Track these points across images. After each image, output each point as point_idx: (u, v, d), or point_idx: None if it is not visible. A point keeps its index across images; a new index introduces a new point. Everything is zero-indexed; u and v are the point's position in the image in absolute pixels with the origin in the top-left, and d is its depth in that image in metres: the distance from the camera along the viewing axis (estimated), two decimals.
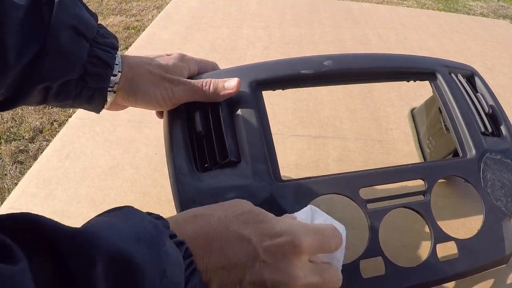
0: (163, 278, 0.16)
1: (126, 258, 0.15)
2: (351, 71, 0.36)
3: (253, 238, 0.21)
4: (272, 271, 0.21)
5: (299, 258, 0.22)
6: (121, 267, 0.15)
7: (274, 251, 0.21)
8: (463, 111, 0.36)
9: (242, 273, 0.20)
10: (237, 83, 0.31)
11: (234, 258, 0.20)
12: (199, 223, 0.21)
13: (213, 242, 0.20)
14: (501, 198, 0.32)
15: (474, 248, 0.29)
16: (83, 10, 0.28)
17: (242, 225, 0.22)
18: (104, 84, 0.29)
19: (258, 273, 0.21)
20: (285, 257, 0.21)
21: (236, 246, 0.21)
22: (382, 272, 0.27)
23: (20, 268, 0.13)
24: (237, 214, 0.22)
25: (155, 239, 0.18)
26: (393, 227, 0.37)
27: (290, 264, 0.21)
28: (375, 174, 0.31)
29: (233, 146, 0.30)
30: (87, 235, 0.15)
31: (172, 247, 0.18)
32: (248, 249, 0.21)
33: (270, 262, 0.21)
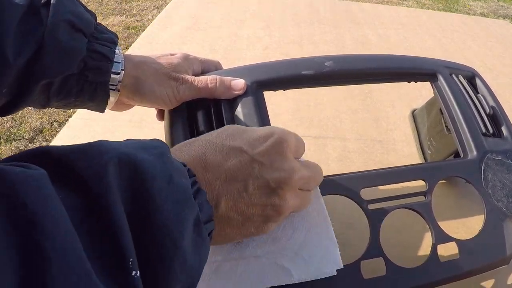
0: (170, 182, 0.17)
1: (135, 161, 0.16)
2: (352, 71, 0.36)
3: (243, 147, 0.22)
4: (271, 170, 0.22)
5: (290, 154, 0.23)
6: (131, 170, 0.16)
7: (267, 152, 0.22)
8: (464, 112, 0.36)
9: (245, 180, 0.21)
10: (245, 84, 0.32)
11: (234, 168, 0.21)
12: (191, 148, 0.22)
13: (208, 160, 0.21)
14: (502, 198, 0.32)
15: (475, 249, 0.29)
16: (79, 7, 0.28)
17: (229, 138, 0.22)
18: (105, 78, 0.29)
19: (259, 176, 0.21)
20: (278, 154, 0.22)
21: (231, 157, 0.21)
22: (383, 273, 0.27)
23: (42, 173, 0.14)
24: (220, 132, 0.23)
25: (159, 149, 0.18)
26: (394, 228, 0.37)
27: (285, 160, 0.22)
28: (376, 175, 0.31)
29: None
30: (97, 145, 0.16)
31: (177, 163, 0.19)
32: (243, 157, 0.21)
33: (267, 163, 0.22)
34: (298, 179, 0.23)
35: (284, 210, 0.22)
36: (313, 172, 0.25)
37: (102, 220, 0.14)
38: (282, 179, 0.22)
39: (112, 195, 0.15)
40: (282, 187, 0.22)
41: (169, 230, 0.16)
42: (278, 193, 0.22)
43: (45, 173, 0.14)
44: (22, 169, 0.13)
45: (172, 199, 0.17)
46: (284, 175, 0.22)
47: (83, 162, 0.15)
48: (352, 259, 0.28)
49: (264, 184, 0.21)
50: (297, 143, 0.25)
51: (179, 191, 0.17)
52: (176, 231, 0.16)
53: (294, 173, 0.22)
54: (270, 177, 0.22)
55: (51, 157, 0.15)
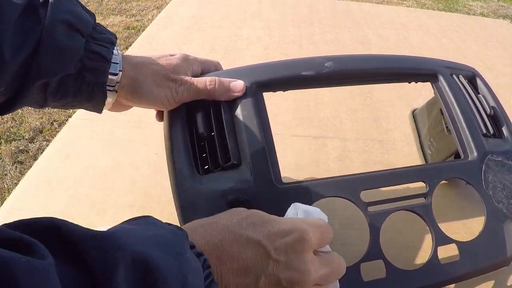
0: (185, 286, 0.16)
1: (149, 263, 0.15)
2: (352, 72, 0.36)
3: (262, 240, 0.21)
4: (286, 269, 0.21)
5: (309, 253, 0.22)
6: (143, 271, 0.15)
7: (285, 249, 0.21)
8: (465, 113, 0.36)
9: (257, 275, 0.21)
10: (244, 86, 0.32)
11: (248, 261, 0.21)
12: (208, 232, 0.21)
13: (224, 249, 0.20)
14: (503, 200, 0.32)
15: (475, 250, 0.29)
16: (78, 7, 0.28)
17: (249, 228, 0.22)
18: (102, 79, 0.29)
19: (272, 273, 0.21)
20: (296, 254, 0.22)
21: (248, 249, 0.21)
22: (383, 275, 0.27)
23: (48, 263, 0.13)
24: (241, 218, 0.22)
25: (177, 247, 0.18)
26: (394, 229, 0.37)
27: (302, 261, 0.22)
28: (376, 177, 0.31)
29: (235, 149, 0.29)
30: (111, 239, 0.15)
31: (192, 257, 0.18)
32: (259, 251, 0.21)
33: (283, 260, 0.21)
34: (313, 279, 0.22)
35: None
36: (333, 268, 0.24)
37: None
38: (295, 280, 0.21)
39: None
40: (294, 287, 0.21)
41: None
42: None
43: (51, 263, 0.13)
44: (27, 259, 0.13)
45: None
46: (298, 276, 0.21)
47: (95, 253, 0.15)
48: (352, 261, 0.27)
49: (276, 282, 0.21)
50: (321, 236, 0.24)
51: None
52: None
53: (309, 275, 0.22)
54: (284, 276, 0.21)
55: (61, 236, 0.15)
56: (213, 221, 0.22)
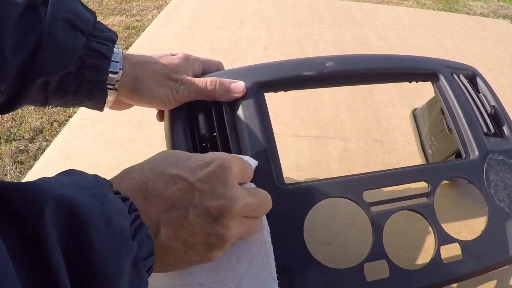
0: (109, 225, 0.17)
1: (72, 205, 0.16)
2: (354, 72, 0.36)
3: (184, 174, 0.21)
4: (212, 197, 0.21)
5: (233, 181, 0.22)
6: (68, 213, 0.16)
7: (208, 178, 0.22)
8: (466, 112, 0.36)
9: (185, 209, 0.21)
10: (245, 87, 0.32)
11: (173, 197, 0.21)
12: (132, 177, 0.21)
13: (148, 189, 0.20)
14: (505, 199, 0.32)
15: (478, 250, 0.29)
16: (78, 6, 0.28)
17: (171, 166, 0.22)
18: (103, 77, 0.29)
19: (199, 204, 0.21)
20: (220, 181, 0.22)
21: (172, 185, 0.21)
22: (386, 275, 0.27)
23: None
24: (163, 159, 0.23)
25: (98, 189, 0.18)
26: (396, 229, 0.37)
27: (227, 187, 0.22)
28: (378, 177, 0.31)
29: (238, 150, 0.29)
30: (33, 186, 0.16)
31: (116, 199, 0.18)
32: (183, 184, 0.21)
33: (207, 189, 0.21)
34: (241, 207, 0.22)
35: (228, 238, 0.22)
36: (259, 199, 0.24)
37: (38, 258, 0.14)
38: (224, 207, 0.21)
39: (48, 236, 0.15)
40: (224, 215, 0.21)
41: (106, 272, 0.16)
42: (221, 221, 0.21)
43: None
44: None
45: (110, 242, 0.16)
46: (226, 203, 0.21)
47: (20, 202, 0.15)
48: (355, 261, 0.27)
49: (205, 213, 0.21)
50: (244, 168, 0.24)
51: (117, 234, 0.17)
52: (113, 274, 0.16)
53: (236, 201, 0.22)
54: (211, 205, 0.21)
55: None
56: (137, 165, 0.22)
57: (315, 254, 0.27)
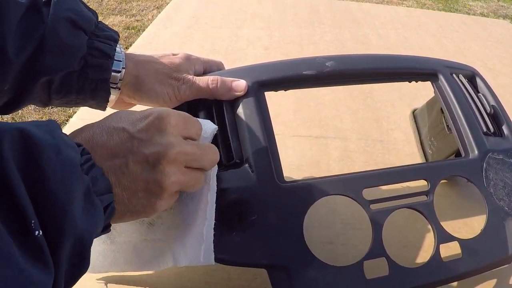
0: (59, 154, 0.18)
1: (26, 135, 0.18)
2: (354, 72, 0.36)
3: (126, 126, 0.23)
4: (149, 145, 0.22)
5: (171, 129, 0.24)
6: (23, 142, 0.17)
7: (146, 128, 0.23)
8: (465, 112, 0.36)
9: (126, 157, 0.22)
10: (246, 85, 0.32)
11: (115, 146, 0.22)
12: (83, 131, 0.23)
13: (94, 140, 0.22)
14: (504, 197, 0.32)
15: (477, 248, 0.29)
16: (80, 5, 0.29)
17: (116, 120, 0.23)
18: (105, 75, 0.29)
19: (138, 151, 0.22)
20: (157, 130, 0.23)
21: (114, 136, 0.22)
22: (386, 273, 0.27)
23: None
24: (112, 115, 0.24)
25: (50, 127, 0.19)
26: (396, 228, 0.37)
27: (164, 135, 0.23)
28: (378, 175, 0.31)
29: (238, 148, 0.30)
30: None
31: (66, 136, 0.20)
32: (124, 135, 0.22)
33: (146, 139, 0.23)
34: (176, 153, 0.23)
35: (166, 185, 0.23)
36: (202, 149, 0.25)
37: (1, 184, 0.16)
38: (159, 153, 0.22)
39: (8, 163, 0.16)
40: (160, 161, 0.22)
41: (58, 196, 0.18)
42: (158, 167, 0.22)
43: None
44: None
45: (60, 169, 0.18)
46: (161, 149, 0.22)
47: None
48: (355, 259, 0.28)
49: (143, 159, 0.22)
50: (185, 121, 0.25)
51: (66, 162, 0.18)
52: (64, 197, 0.18)
53: (171, 147, 0.23)
54: (148, 152, 0.22)
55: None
56: (91, 123, 0.24)
57: (315, 253, 0.27)
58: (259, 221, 0.27)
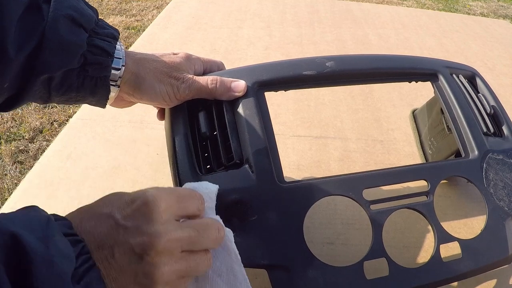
0: (49, 267, 0.17)
1: (16, 241, 0.17)
2: (354, 72, 0.36)
3: (112, 211, 0.21)
4: (135, 234, 0.21)
5: (159, 216, 0.22)
6: (11, 247, 0.17)
7: (132, 215, 0.21)
8: (465, 112, 0.36)
9: (112, 246, 0.20)
10: (245, 86, 0.32)
11: (102, 235, 0.21)
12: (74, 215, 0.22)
13: (83, 228, 0.21)
14: (504, 198, 0.32)
15: (477, 248, 0.29)
16: (80, 3, 0.29)
17: (104, 204, 0.22)
18: (105, 73, 0.29)
19: (124, 241, 0.21)
20: (144, 217, 0.21)
21: (102, 223, 0.21)
22: (386, 273, 0.27)
23: None
24: (101, 198, 0.23)
25: (45, 232, 0.18)
26: (396, 229, 0.37)
27: (150, 223, 0.21)
28: (378, 175, 0.31)
29: (238, 149, 0.30)
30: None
31: (62, 242, 0.19)
32: (110, 222, 0.21)
33: (131, 226, 0.21)
34: (165, 242, 0.21)
35: (157, 277, 0.21)
36: (199, 231, 0.23)
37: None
38: (145, 244, 0.21)
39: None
40: (147, 252, 0.20)
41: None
42: (146, 259, 0.20)
43: None
44: None
45: (50, 285, 0.17)
46: (147, 239, 0.21)
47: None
48: (354, 260, 0.27)
49: (129, 250, 0.20)
50: (178, 200, 0.23)
51: (57, 277, 0.17)
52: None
53: (159, 237, 0.21)
54: (134, 242, 0.20)
55: None
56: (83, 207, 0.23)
57: (315, 253, 0.27)
58: (259, 221, 0.27)
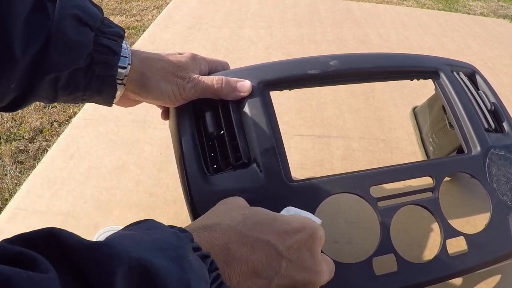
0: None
1: (147, 268, 0.15)
2: (357, 70, 0.36)
3: (272, 240, 0.20)
4: (301, 270, 0.20)
5: (319, 252, 0.21)
6: (142, 278, 0.15)
7: (298, 248, 0.20)
8: (467, 108, 0.36)
9: (270, 278, 0.19)
10: (250, 86, 0.32)
11: (258, 263, 0.19)
12: (212, 235, 0.20)
13: (231, 252, 0.19)
14: (507, 192, 0.32)
15: (483, 243, 0.29)
16: (85, 2, 0.29)
17: (256, 227, 0.20)
18: (112, 72, 0.29)
19: (286, 274, 0.20)
20: (309, 252, 0.21)
21: (257, 251, 0.19)
22: (395, 269, 0.27)
23: (50, 276, 0.13)
24: (246, 217, 0.21)
25: (178, 251, 0.17)
26: (399, 227, 0.37)
27: (317, 260, 0.21)
28: (384, 172, 0.31)
29: (246, 148, 0.30)
30: (107, 247, 0.15)
31: (196, 259, 0.17)
32: (270, 251, 0.20)
33: (296, 260, 0.20)
34: (324, 281, 0.21)
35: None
36: (330, 269, 0.23)
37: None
38: (311, 281, 0.20)
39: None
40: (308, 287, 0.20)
41: None
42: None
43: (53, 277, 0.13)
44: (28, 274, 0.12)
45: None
46: (313, 277, 0.20)
47: (91, 264, 0.14)
48: (361, 257, 0.28)
49: (289, 285, 0.20)
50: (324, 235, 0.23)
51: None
52: None
53: (322, 276, 0.21)
54: (299, 278, 0.20)
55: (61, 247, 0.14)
56: (215, 221, 0.21)
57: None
58: None
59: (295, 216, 0.23)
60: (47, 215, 0.39)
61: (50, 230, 0.15)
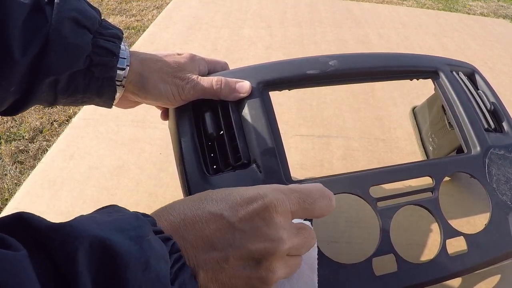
0: (146, 270, 0.16)
1: (107, 246, 0.15)
2: (357, 70, 0.36)
3: (225, 212, 0.20)
4: (255, 239, 0.20)
5: (278, 219, 0.20)
6: (102, 256, 0.15)
7: (250, 218, 0.20)
8: (466, 108, 0.36)
9: (225, 250, 0.19)
10: (250, 87, 0.32)
11: (212, 237, 0.19)
12: (170, 213, 0.20)
13: (187, 228, 0.19)
14: (506, 192, 0.32)
15: (482, 242, 0.29)
16: (83, 4, 0.29)
17: (211, 203, 0.20)
18: (111, 73, 0.29)
19: (241, 245, 0.19)
20: (263, 220, 0.20)
21: (211, 224, 0.19)
22: (395, 269, 0.27)
23: (22, 254, 0.14)
24: (203, 195, 0.21)
25: (137, 230, 0.17)
26: (399, 227, 0.37)
27: (272, 227, 0.20)
28: (383, 173, 0.31)
29: (245, 149, 0.30)
30: (69, 227, 0.15)
31: (156, 240, 0.18)
32: (223, 224, 0.20)
33: (249, 230, 0.20)
34: (287, 249, 0.20)
35: (271, 281, 0.20)
36: (306, 238, 0.22)
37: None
38: (268, 250, 0.20)
39: (82, 282, 0.14)
40: (267, 258, 0.20)
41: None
42: (264, 264, 0.20)
43: (24, 255, 0.13)
44: (1, 252, 0.13)
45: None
46: (269, 245, 0.20)
47: (56, 243, 0.15)
48: (360, 257, 0.28)
49: (246, 255, 0.19)
50: (304, 202, 0.22)
51: (153, 279, 0.16)
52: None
53: (282, 244, 0.20)
54: (254, 248, 0.19)
55: (30, 230, 0.15)
56: (177, 202, 0.21)
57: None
58: None
59: (252, 187, 0.22)
60: (47, 215, 0.38)
61: (19, 214, 0.15)
